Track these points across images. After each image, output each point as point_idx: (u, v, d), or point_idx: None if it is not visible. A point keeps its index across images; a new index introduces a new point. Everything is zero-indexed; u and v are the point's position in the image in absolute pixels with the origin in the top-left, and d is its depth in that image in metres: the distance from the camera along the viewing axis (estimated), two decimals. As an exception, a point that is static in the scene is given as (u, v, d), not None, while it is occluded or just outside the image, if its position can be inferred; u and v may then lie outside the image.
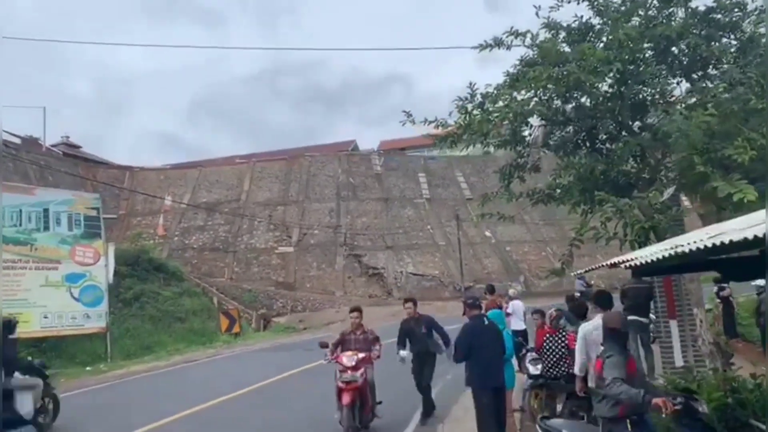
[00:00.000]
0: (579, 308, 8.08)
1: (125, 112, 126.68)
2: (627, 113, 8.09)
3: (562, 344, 7.59)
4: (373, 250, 37.70)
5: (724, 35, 7.70)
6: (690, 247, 4.13)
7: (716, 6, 7.74)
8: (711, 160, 6.94)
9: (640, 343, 9.15)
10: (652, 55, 7.88)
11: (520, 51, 8.63)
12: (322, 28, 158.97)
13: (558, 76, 7.05)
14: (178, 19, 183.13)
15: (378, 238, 38.53)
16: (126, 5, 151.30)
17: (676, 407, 4.10)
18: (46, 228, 17.44)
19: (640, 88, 8.16)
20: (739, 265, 4.88)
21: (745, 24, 7.80)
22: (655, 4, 7.98)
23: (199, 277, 32.52)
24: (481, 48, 8.29)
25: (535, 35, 8.26)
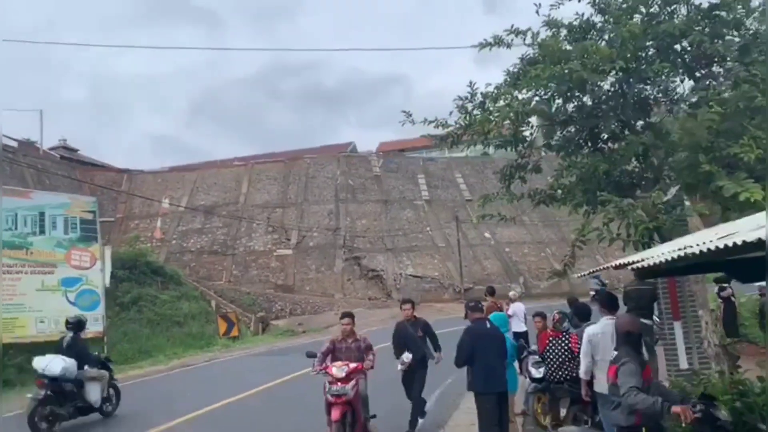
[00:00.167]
0: (582, 310, 7.96)
1: (123, 116, 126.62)
2: (630, 112, 7.97)
3: (566, 347, 7.46)
4: (373, 252, 37.55)
5: (728, 32, 7.58)
6: (702, 248, 4.00)
7: (720, 2, 7.62)
8: (716, 159, 6.82)
9: (643, 346, 9.00)
10: (654, 52, 7.76)
11: (520, 52, 8.56)
12: (320, 31, 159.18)
13: (560, 74, 6.93)
14: (176, 22, 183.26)
15: (377, 240, 38.39)
16: (124, 9, 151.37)
17: (695, 415, 3.93)
18: (42, 232, 17.26)
19: (643, 87, 8.06)
20: (747, 267, 4.75)
21: (749, 21, 7.69)
22: (658, 1, 7.86)
23: (198, 281, 32.35)
24: (481, 46, 8.17)
25: (536, 34, 8.15)
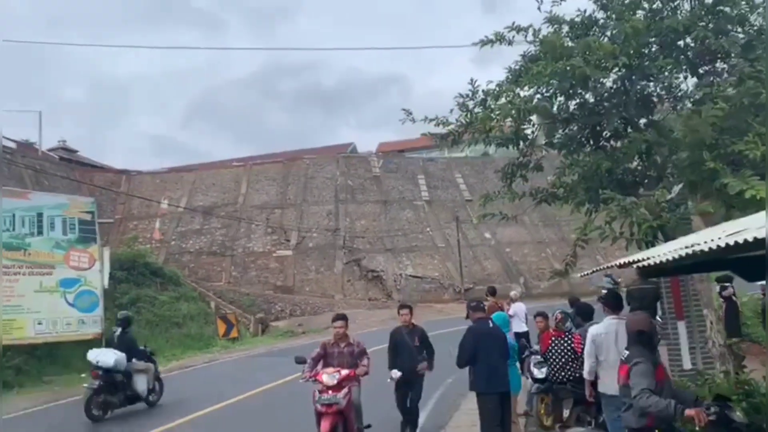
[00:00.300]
0: (585, 310, 7.88)
1: (122, 117, 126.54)
2: (632, 110, 7.88)
3: (568, 347, 7.38)
4: (373, 253, 37.45)
5: (732, 28, 7.49)
6: (710, 246, 3.91)
7: (724, -3, 7.53)
8: (720, 156, 6.73)
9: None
10: (658, 49, 7.67)
11: (521, 51, 8.47)
12: (319, 31, 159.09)
13: (562, 71, 6.84)
14: (176, 23, 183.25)
15: (377, 241, 38.29)
16: (123, 11, 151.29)
17: (710, 417, 3.82)
18: (40, 233, 17.13)
19: (646, 84, 7.97)
20: (753, 265, 4.67)
21: (753, 17, 7.60)
22: (661, -5, 7.77)
23: (197, 282, 32.23)
24: (482, 43, 8.07)
25: (537, 30, 8.06)
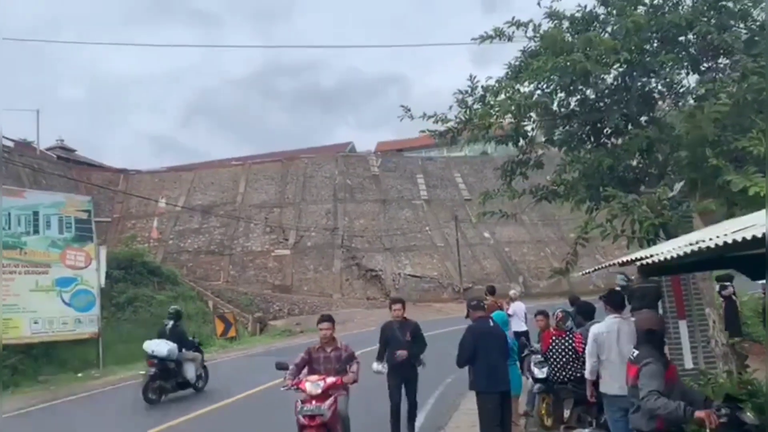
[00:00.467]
0: (586, 308, 7.79)
1: (120, 116, 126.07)
2: (634, 106, 7.79)
3: (569, 347, 7.28)
4: (371, 252, 37.37)
5: (734, 24, 7.39)
6: (716, 242, 3.81)
7: (726, -8, 7.44)
8: (723, 153, 6.65)
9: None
10: (659, 44, 7.57)
11: (521, 47, 8.37)
12: (318, 31, 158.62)
13: (563, 66, 6.74)
14: (174, 22, 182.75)
15: (376, 240, 38.21)
16: (122, 9, 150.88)
17: (721, 420, 3.71)
18: (36, 231, 16.96)
19: (647, 80, 7.88)
20: (757, 263, 4.58)
21: (756, 12, 7.50)
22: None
23: (195, 281, 32.13)
24: (482, 39, 7.98)
25: (537, 26, 7.97)
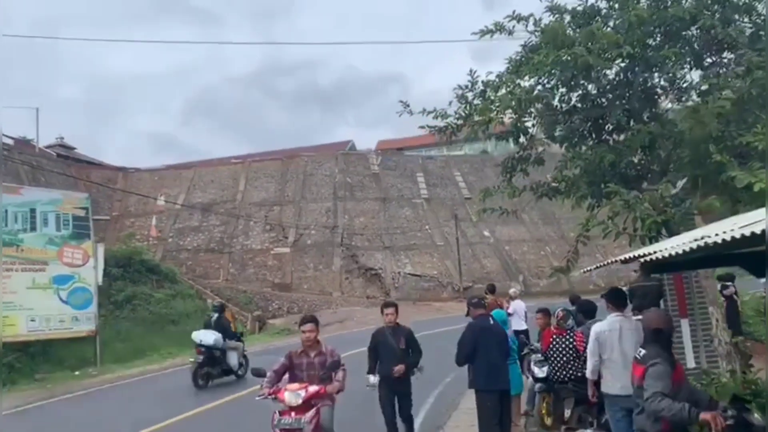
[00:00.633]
0: (587, 307, 7.68)
1: (120, 114, 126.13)
2: (636, 102, 7.68)
3: (570, 346, 7.17)
4: (371, 251, 37.25)
5: (739, 18, 7.28)
6: (718, 239, 3.71)
7: (730, -14, 7.32)
8: (727, 149, 6.54)
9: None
10: (662, 39, 7.46)
11: (521, 43, 8.26)
12: (317, 30, 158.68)
13: (565, 60, 6.62)
14: (174, 21, 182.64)
15: (375, 238, 38.09)
16: (122, 8, 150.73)
17: (727, 422, 3.60)
18: (33, 228, 16.80)
19: (648, 75, 7.76)
20: (763, 260, 4.47)
21: (760, 6, 7.39)
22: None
23: (194, 279, 32.02)
24: (482, 33, 7.85)
25: (538, 20, 7.85)
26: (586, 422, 6.96)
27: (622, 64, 7.64)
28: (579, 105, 8.03)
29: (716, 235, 3.76)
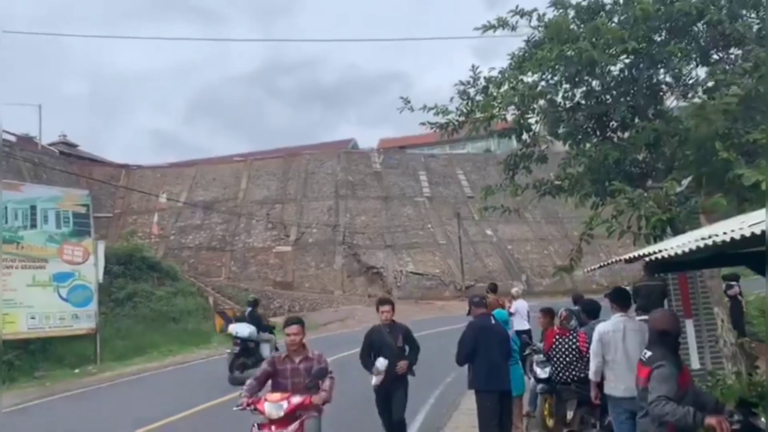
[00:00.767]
0: (591, 307, 7.55)
1: (123, 111, 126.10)
2: (641, 98, 7.56)
3: (573, 346, 7.04)
4: (373, 249, 37.17)
5: (747, 13, 7.14)
6: (723, 238, 3.60)
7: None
8: (734, 146, 6.42)
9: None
10: (668, 35, 7.33)
11: (525, 40, 8.13)
12: (319, 29, 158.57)
13: (569, 55, 6.50)
14: (176, 19, 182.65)
15: (377, 237, 38.00)
16: (124, 5, 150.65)
17: (734, 427, 3.48)
18: (33, 225, 16.76)
19: (652, 72, 7.64)
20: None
21: (768, 1, 7.25)
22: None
23: (195, 277, 31.95)
24: (485, 29, 7.74)
25: (542, 15, 7.72)
26: (588, 424, 6.84)
27: (627, 60, 7.52)
28: (583, 102, 7.90)
29: (724, 234, 3.65)
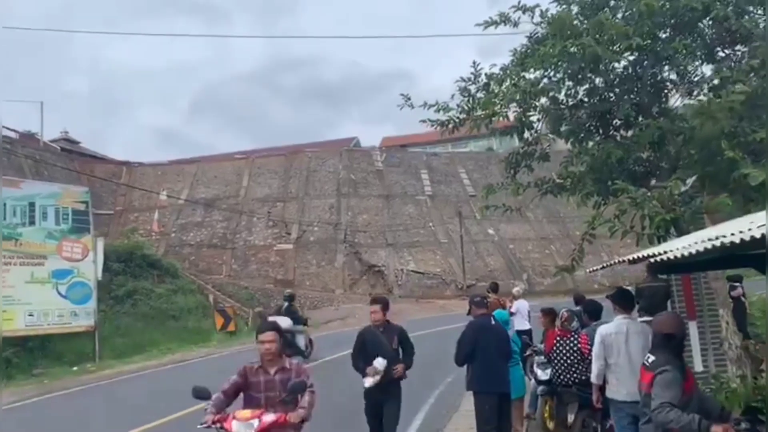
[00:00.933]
0: (593, 307, 7.43)
1: (125, 109, 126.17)
2: (645, 96, 7.43)
3: (575, 348, 6.92)
4: (374, 248, 37.05)
5: (753, 9, 7.01)
6: (743, 237, 3.48)
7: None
8: (740, 145, 6.30)
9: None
10: (673, 31, 7.20)
11: (526, 35, 8.02)
12: (322, 27, 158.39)
13: (572, 52, 6.38)
14: (178, 16, 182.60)
15: (379, 235, 37.88)
16: (127, 3, 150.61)
17: None
18: (32, 222, 16.71)
19: (656, 70, 7.51)
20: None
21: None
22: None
23: (196, 274, 31.89)
24: (486, 25, 7.61)
25: (544, 11, 7.60)
26: (590, 427, 6.72)
27: (631, 57, 7.40)
28: (586, 99, 7.78)
29: (733, 234, 3.54)
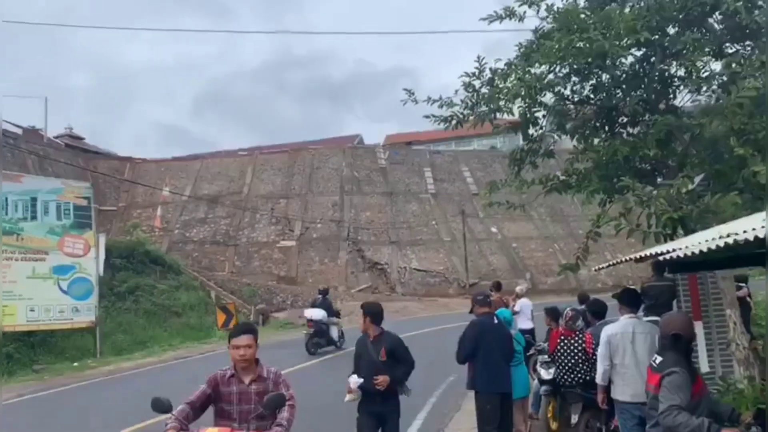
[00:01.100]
0: (597, 307, 7.33)
1: (130, 105, 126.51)
2: (652, 92, 7.29)
3: (579, 348, 6.81)
4: (377, 245, 36.97)
5: (765, 2, 6.85)
6: (746, 237, 3.38)
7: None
8: (749, 142, 6.16)
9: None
10: (682, 25, 7.05)
11: (531, 29, 7.88)
12: (328, 24, 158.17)
13: (579, 46, 6.25)
14: (184, 13, 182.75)
15: (382, 233, 37.80)
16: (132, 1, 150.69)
17: None
18: (34, 217, 16.66)
19: (664, 65, 7.37)
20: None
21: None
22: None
23: (199, 271, 31.84)
24: (491, 19, 7.47)
25: (550, 4, 7.46)
26: (593, 428, 6.62)
27: (638, 53, 7.26)
28: (592, 95, 7.65)
29: (745, 232, 3.43)
